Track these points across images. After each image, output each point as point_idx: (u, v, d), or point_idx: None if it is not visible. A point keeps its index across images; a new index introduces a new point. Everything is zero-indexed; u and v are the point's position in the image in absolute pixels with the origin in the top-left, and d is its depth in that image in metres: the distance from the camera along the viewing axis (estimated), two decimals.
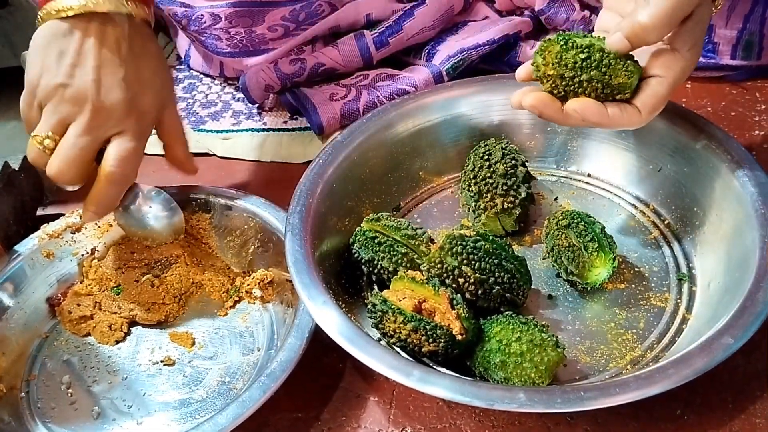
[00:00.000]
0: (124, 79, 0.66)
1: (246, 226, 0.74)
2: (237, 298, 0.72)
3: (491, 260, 0.62)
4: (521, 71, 0.64)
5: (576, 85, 0.60)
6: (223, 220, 0.75)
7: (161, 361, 0.69)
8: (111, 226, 0.76)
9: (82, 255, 0.76)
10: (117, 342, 0.71)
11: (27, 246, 0.75)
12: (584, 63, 0.59)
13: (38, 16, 0.67)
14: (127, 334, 0.72)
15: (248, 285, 0.71)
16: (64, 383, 0.68)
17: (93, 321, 0.72)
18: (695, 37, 0.60)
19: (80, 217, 0.75)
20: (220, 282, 0.74)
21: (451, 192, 0.79)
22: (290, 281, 0.63)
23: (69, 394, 0.67)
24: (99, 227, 0.76)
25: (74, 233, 0.76)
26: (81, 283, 0.74)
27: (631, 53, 0.59)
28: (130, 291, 0.73)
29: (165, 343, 0.70)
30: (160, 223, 0.73)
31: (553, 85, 0.61)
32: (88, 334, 0.72)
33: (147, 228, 0.73)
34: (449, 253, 0.63)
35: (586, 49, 0.59)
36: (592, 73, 0.58)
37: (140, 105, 0.68)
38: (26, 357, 0.71)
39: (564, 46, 0.59)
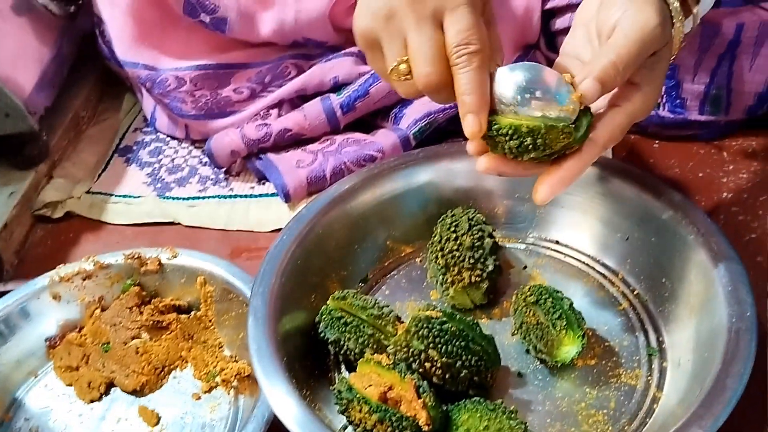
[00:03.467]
0: None
1: (241, 311, 0.71)
2: (214, 385, 0.70)
3: (458, 342, 0.61)
4: (470, 147, 0.61)
5: (524, 159, 0.58)
6: (223, 295, 0.73)
7: None
8: (122, 277, 0.75)
9: (89, 302, 0.75)
10: (92, 401, 0.70)
11: (36, 284, 0.74)
12: (519, 149, 0.57)
13: None
14: (105, 393, 0.71)
15: (226, 374, 0.69)
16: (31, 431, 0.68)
17: (77, 373, 0.72)
18: (655, 73, 0.59)
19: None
20: (204, 362, 0.72)
21: (420, 261, 0.78)
22: None
23: None
24: (110, 277, 0.75)
25: (85, 280, 0.75)
26: (78, 331, 0.74)
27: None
28: (116, 351, 0.72)
29: (132, 416, 0.69)
30: None
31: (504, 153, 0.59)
32: (71, 385, 0.71)
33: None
34: (415, 336, 0.61)
35: (517, 138, 0.56)
36: (531, 155, 0.57)
37: None
38: (9, 395, 0.71)
39: (509, 137, 0.57)
